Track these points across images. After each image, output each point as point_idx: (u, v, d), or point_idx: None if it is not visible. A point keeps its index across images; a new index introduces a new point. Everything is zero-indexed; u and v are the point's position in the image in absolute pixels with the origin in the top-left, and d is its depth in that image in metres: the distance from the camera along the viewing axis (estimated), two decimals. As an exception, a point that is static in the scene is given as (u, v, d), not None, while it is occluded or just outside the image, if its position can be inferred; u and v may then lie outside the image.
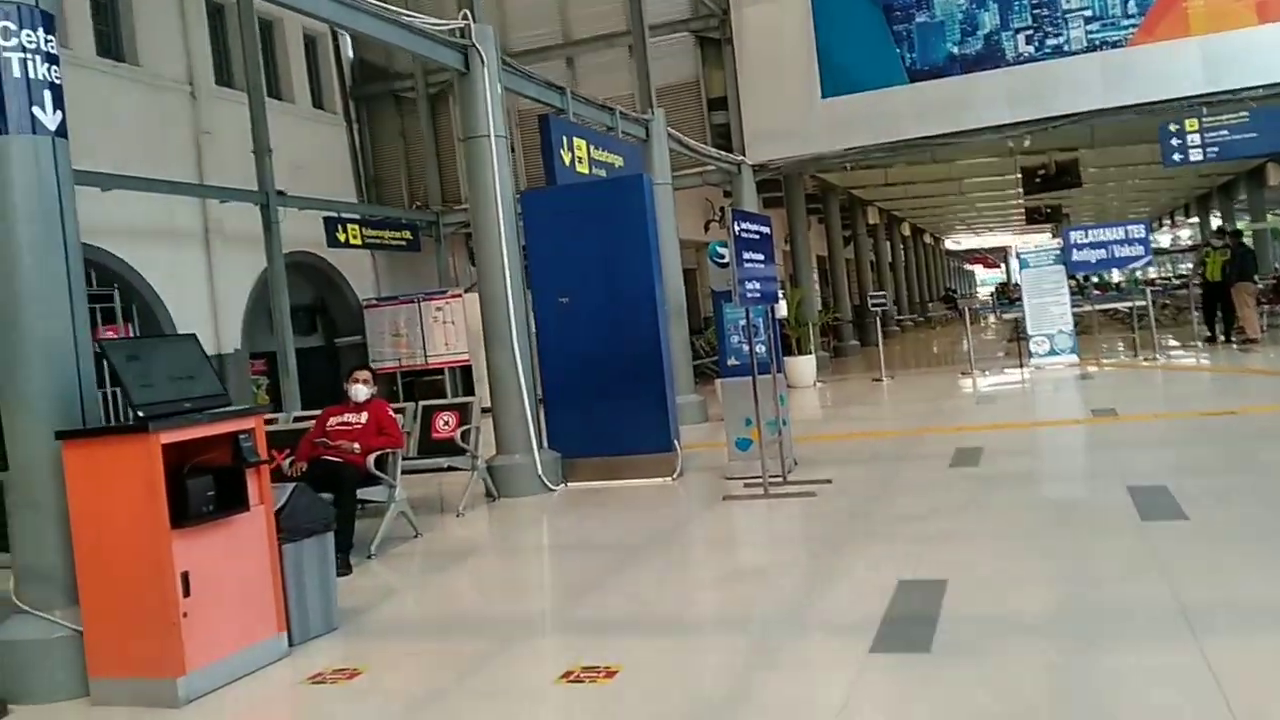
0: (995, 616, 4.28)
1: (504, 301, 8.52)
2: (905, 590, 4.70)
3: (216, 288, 14.60)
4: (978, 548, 5.45)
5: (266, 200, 13.98)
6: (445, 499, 8.54)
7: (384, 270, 18.64)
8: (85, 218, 12.05)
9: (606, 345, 8.64)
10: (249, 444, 4.38)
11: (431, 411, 8.23)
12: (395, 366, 17.60)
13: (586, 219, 8.69)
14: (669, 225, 12.92)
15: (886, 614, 4.38)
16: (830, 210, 25.76)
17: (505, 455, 8.54)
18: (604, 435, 8.67)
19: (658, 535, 6.50)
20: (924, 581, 4.82)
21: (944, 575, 4.87)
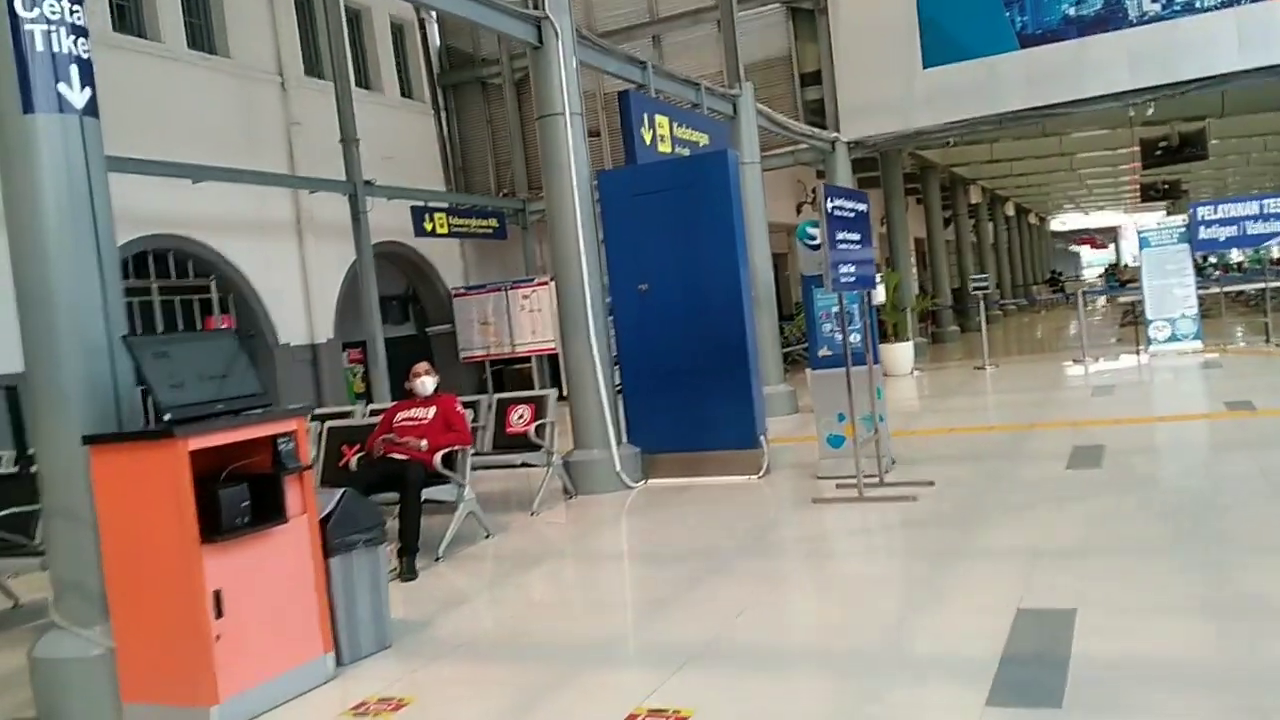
0: (1141, 660, 3.63)
1: (580, 289, 8.10)
2: (1026, 622, 4.09)
3: (309, 278, 14.60)
4: (1110, 568, 4.78)
5: (354, 190, 13.91)
6: (520, 495, 8.19)
7: (472, 259, 18.51)
8: (179, 210, 12.25)
9: (688, 335, 8.15)
10: (289, 448, 4.04)
11: (506, 404, 7.87)
12: (484, 355, 17.45)
13: (666, 199, 8.19)
14: (757, 207, 12.34)
15: (1005, 652, 3.79)
16: (930, 190, 24.68)
17: (583, 450, 8.14)
18: (686, 430, 8.19)
19: (741, 543, 6.00)
20: (1048, 611, 4.20)
21: (1071, 603, 4.24)
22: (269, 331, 13.87)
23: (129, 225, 11.78)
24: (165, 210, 12.11)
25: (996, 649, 3.82)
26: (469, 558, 6.30)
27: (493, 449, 7.74)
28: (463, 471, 6.45)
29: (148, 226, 12.01)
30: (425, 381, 6.66)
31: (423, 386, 6.64)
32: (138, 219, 11.85)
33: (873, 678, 3.74)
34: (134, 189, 11.43)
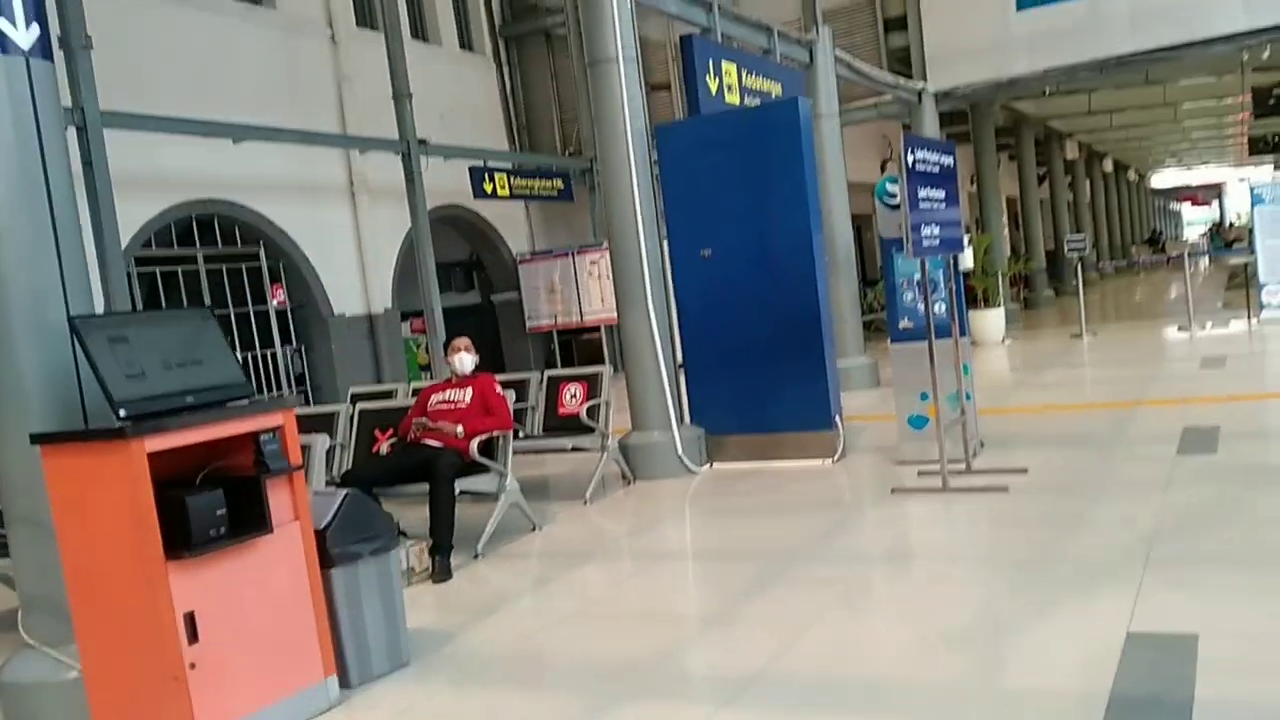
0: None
1: (637, 256, 7.42)
2: (1138, 649, 3.38)
3: (364, 244, 14.18)
4: (1237, 581, 3.99)
5: (408, 150, 13.39)
6: (576, 481, 7.61)
7: (538, 223, 17.93)
8: (223, 173, 11.84)
9: (756, 305, 7.43)
10: (274, 448, 3.49)
11: (558, 383, 7.28)
12: (550, 325, 16.93)
13: (731, 154, 7.44)
14: (836, 163, 11.48)
15: (1114, 690, 3.10)
16: (1023, 145, 23.24)
17: (641, 432, 7.52)
18: (753, 410, 7.50)
19: (810, 542, 5.31)
20: (1164, 636, 3.49)
21: (1193, 627, 3.51)
22: (322, 302, 13.51)
23: (170, 190, 11.47)
24: (209, 174, 11.73)
25: (1102, 685, 3.12)
26: (511, 555, 5.74)
27: (543, 431, 7.17)
28: (504, 459, 5.88)
29: (190, 191, 11.66)
30: (464, 359, 6.10)
31: (460, 364, 6.09)
32: (180, 183, 11.51)
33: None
34: (175, 151, 11.08)
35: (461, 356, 6.09)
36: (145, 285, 12.18)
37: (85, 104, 9.06)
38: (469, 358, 6.10)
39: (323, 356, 13.58)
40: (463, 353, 6.12)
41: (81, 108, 9.06)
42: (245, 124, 11.22)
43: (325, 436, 4.77)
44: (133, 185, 10.85)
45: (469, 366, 6.08)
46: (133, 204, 10.93)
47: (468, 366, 6.07)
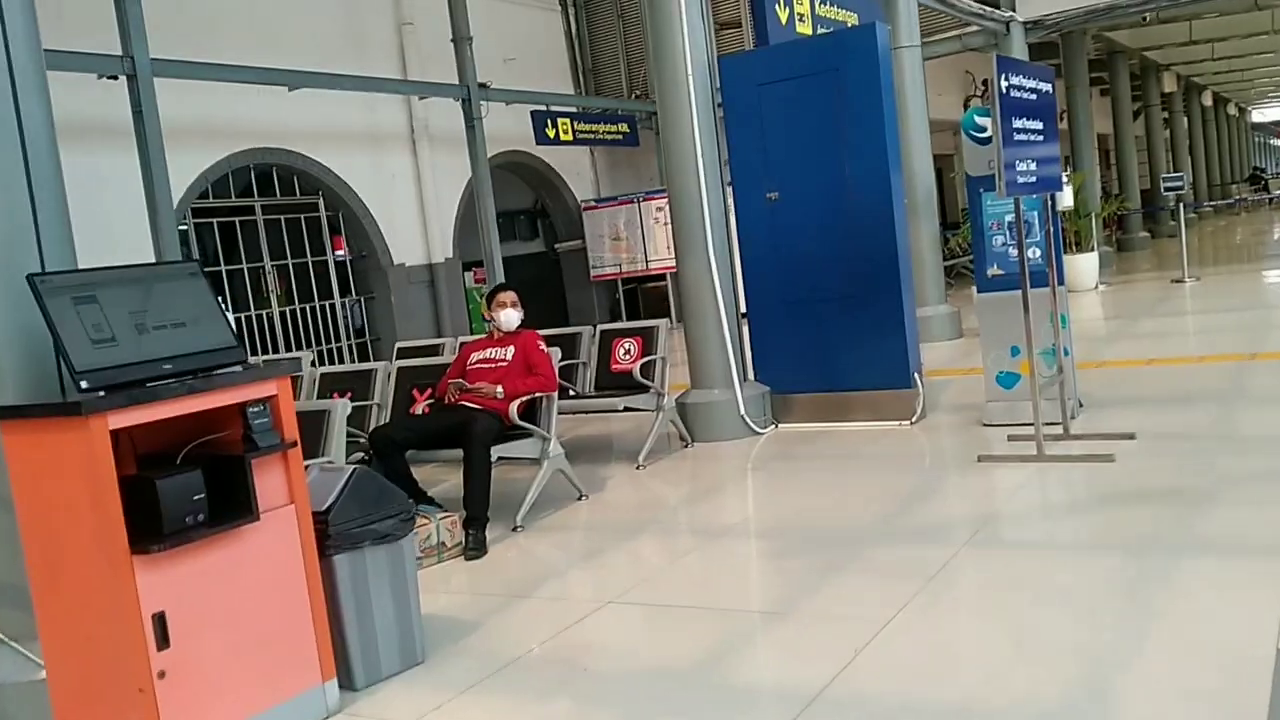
0: None
1: (696, 198, 6.82)
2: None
3: (424, 192, 13.78)
4: None
5: (468, 94, 12.89)
6: (631, 442, 7.12)
7: (603, 169, 17.34)
8: (282, 121, 11.51)
9: (827, 252, 6.79)
10: (263, 421, 3.04)
11: (611, 337, 6.77)
12: (615, 273, 16.41)
13: (800, 88, 6.76)
14: (917, 99, 10.64)
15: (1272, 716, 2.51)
16: (1118, 78, 21.76)
17: (701, 390, 6.97)
18: (824, 366, 6.90)
19: (884, 520, 4.74)
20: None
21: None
22: (382, 252, 13.18)
23: (228, 140, 11.17)
24: (268, 123, 11.41)
25: (1258, 706, 2.52)
26: (554, 527, 5.28)
27: (595, 390, 6.68)
28: (547, 423, 5.39)
29: (249, 140, 11.36)
30: (509, 315, 5.61)
31: (507, 320, 5.59)
32: (238, 133, 11.21)
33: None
34: (233, 100, 10.74)
35: (507, 312, 5.61)
36: (203, 236, 12.00)
37: (135, 52, 8.76)
38: (514, 314, 5.61)
39: (383, 308, 13.30)
40: (508, 308, 5.62)
41: (131, 56, 8.76)
42: (300, 70, 10.81)
43: (346, 403, 4.35)
44: (190, 135, 10.59)
45: (514, 323, 5.59)
46: (190, 154, 10.70)
47: (512, 323, 5.59)
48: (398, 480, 5.09)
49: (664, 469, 6.32)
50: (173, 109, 10.16)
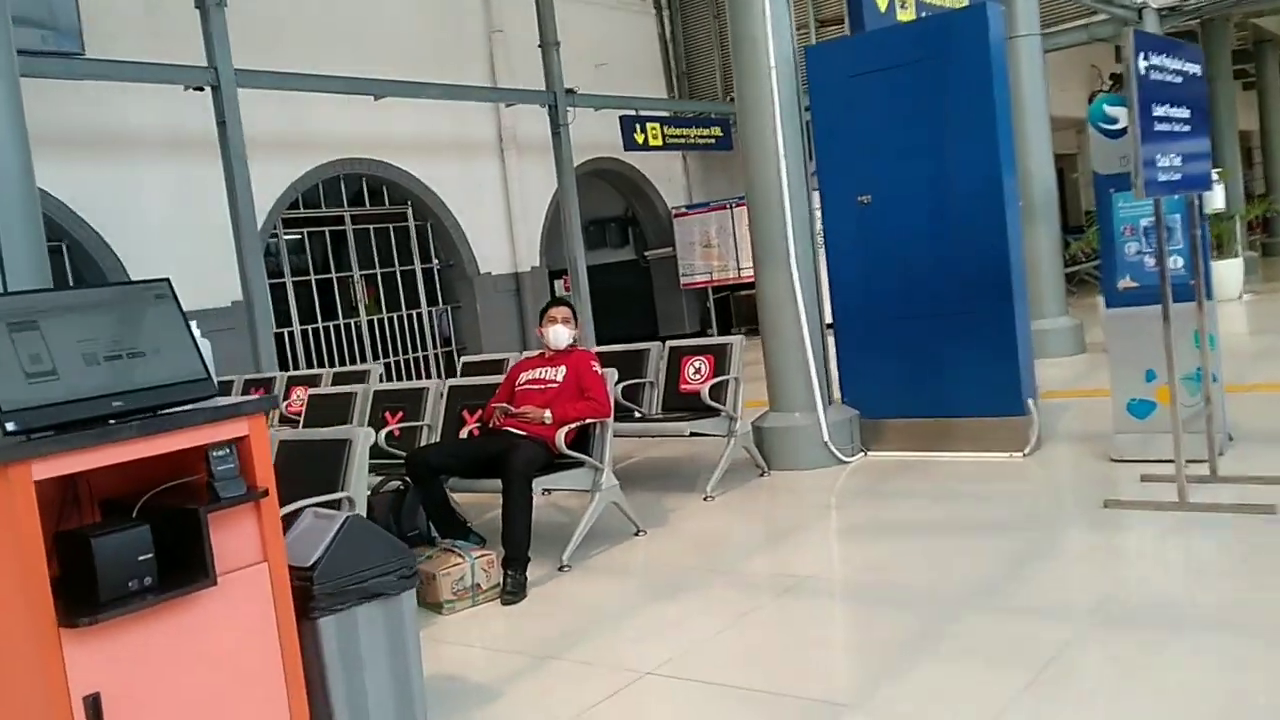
0: None
1: (778, 203, 6.17)
2: None
3: (512, 200, 13.48)
4: None
5: (554, 100, 12.50)
6: (703, 467, 6.50)
7: (696, 174, 16.79)
8: (371, 131, 11.30)
9: (926, 262, 6.06)
10: (228, 467, 2.57)
11: (681, 355, 6.17)
12: (706, 281, 15.82)
13: (897, 79, 6.04)
14: (1036, 93, 9.72)
15: None
16: (1265, 69, 19.98)
17: (780, 413, 6.31)
18: (921, 388, 6.16)
19: (994, 578, 4.00)
20: None
21: None
22: (469, 260, 12.89)
23: (318, 150, 11.04)
24: (357, 133, 11.27)
25: None
26: (604, 568, 4.71)
27: (662, 411, 6.09)
28: (600, 451, 4.83)
29: (338, 150, 11.22)
30: (559, 332, 5.08)
31: (555, 337, 5.07)
32: (328, 142, 11.08)
33: None
34: (323, 110, 10.62)
35: (556, 330, 5.07)
36: (292, 246, 11.92)
37: (219, 62, 8.67)
38: (564, 331, 5.08)
39: (469, 316, 13.03)
40: (558, 325, 5.09)
41: (215, 67, 8.66)
42: (384, 79, 10.59)
43: (369, 431, 3.87)
44: (281, 146, 10.52)
45: (564, 340, 5.06)
46: (281, 164, 10.63)
47: (562, 340, 5.06)
48: (435, 509, 4.64)
49: (735, 501, 5.68)
50: (264, 120, 10.10)
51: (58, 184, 8.85)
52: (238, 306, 9.26)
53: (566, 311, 5.19)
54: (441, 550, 4.29)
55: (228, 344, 9.00)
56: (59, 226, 8.97)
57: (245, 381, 8.01)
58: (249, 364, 8.87)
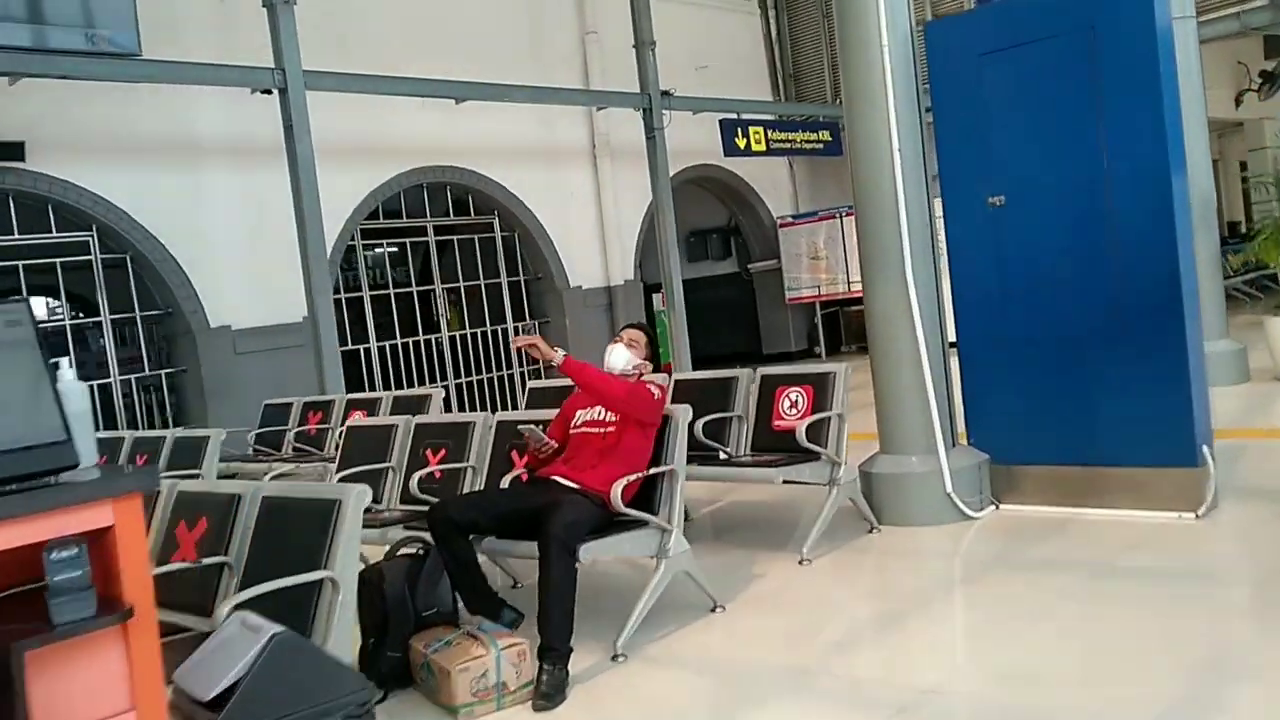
0: None
1: (891, 204, 5.20)
2: None
3: (605, 211, 12.76)
4: None
5: (649, 103, 11.72)
6: (797, 517, 5.57)
7: (803, 181, 15.80)
8: (456, 137, 10.65)
9: (1074, 274, 5.00)
10: (72, 576, 1.81)
11: (775, 386, 5.26)
12: (813, 296, 14.81)
13: (1036, 58, 5.00)
14: (1192, 85, 8.44)
15: None
16: None
17: (893, 456, 5.32)
18: (1067, 429, 5.09)
19: (1173, 707, 2.98)
20: None
21: None
22: (558, 273, 12.21)
23: (400, 156, 10.52)
24: (440, 139, 10.73)
25: None
26: (667, 659, 3.81)
27: (751, 452, 5.19)
28: (667, 508, 3.96)
29: (420, 157, 10.68)
30: (617, 353, 4.20)
31: (611, 359, 4.21)
32: (409, 149, 10.56)
33: None
34: (403, 115, 10.10)
35: (615, 351, 4.22)
36: (371, 258, 11.47)
37: (287, 64, 8.15)
38: (623, 353, 4.21)
39: (558, 333, 12.32)
40: (619, 346, 4.25)
41: (283, 68, 8.15)
42: (463, 81, 9.97)
43: (364, 490, 3.08)
44: (359, 152, 10.05)
45: (620, 363, 4.19)
46: (359, 172, 10.16)
47: (618, 363, 4.19)
48: (461, 576, 3.83)
49: (837, 566, 4.72)
50: (342, 125, 9.63)
51: (120, 193, 8.51)
52: (310, 322, 8.73)
53: (637, 334, 4.34)
54: (463, 635, 3.48)
55: (298, 361, 8.50)
56: (122, 237, 8.62)
57: (304, 404, 7.47)
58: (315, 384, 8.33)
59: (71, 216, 8.48)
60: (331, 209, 9.65)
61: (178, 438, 5.84)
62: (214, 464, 5.54)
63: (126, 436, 6.22)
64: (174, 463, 5.73)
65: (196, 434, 5.79)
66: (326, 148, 9.24)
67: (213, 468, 5.52)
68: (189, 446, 5.67)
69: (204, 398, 8.93)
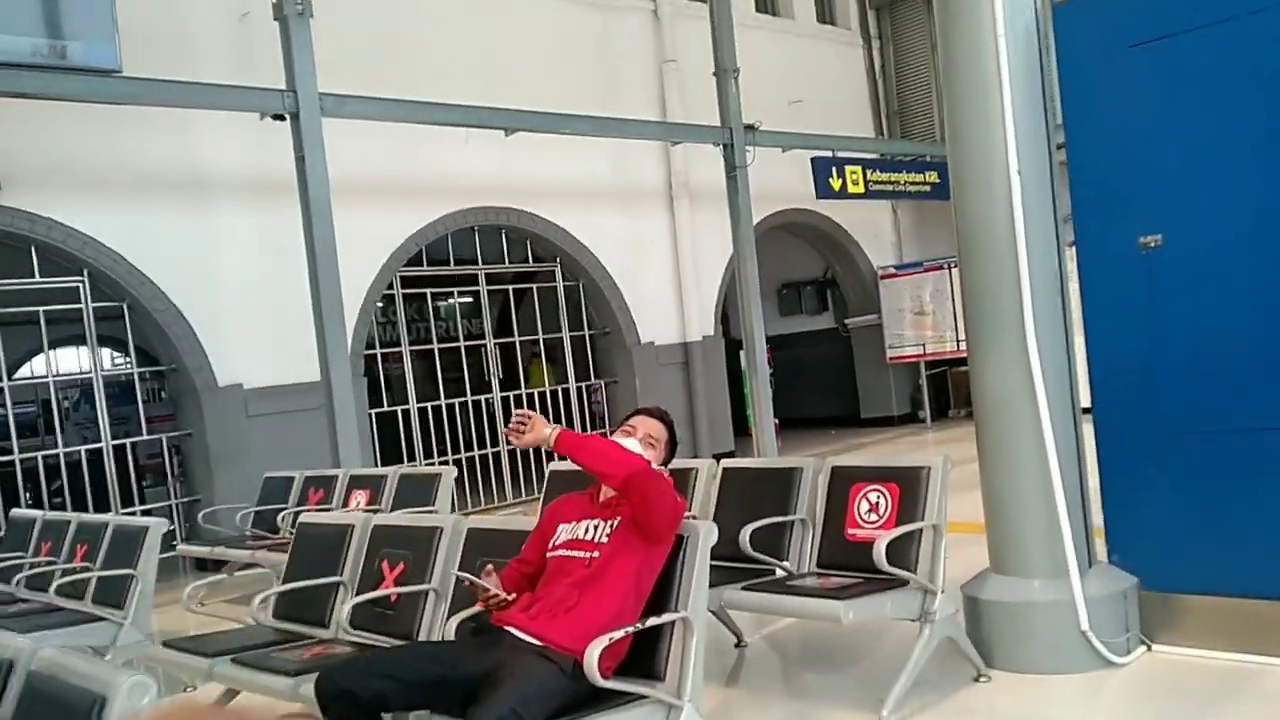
0: None
1: (1007, 250, 3.93)
2: None
3: (681, 258, 11.67)
4: None
5: (729, 138, 10.62)
6: (875, 652, 4.26)
7: (907, 228, 14.45)
8: (513, 174, 9.42)
9: (1260, 343, 3.64)
10: None
11: (849, 482, 4.01)
12: (917, 354, 13.40)
13: (1211, 46, 3.70)
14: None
15: None
16: None
17: (1007, 579, 3.98)
18: (1250, 548, 3.70)
19: None
20: None
21: None
22: (627, 327, 11.14)
23: (446, 196, 9.64)
24: (494, 176, 9.82)
25: None
26: None
27: (817, 569, 3.95)
28: (676, 674, 2.75)
29: (470, 197, 9.78)
30: (629, 447, 3.07)
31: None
32: (457, 188, 9.67)
33: None
34: (450, 148, 9.24)
35: (627, 443, 3.08)
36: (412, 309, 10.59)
37: (299, 84, 7.25)
38: (633, 447, 3.06)
39: (626, 393, 11.22)
40: (629, 441, 3.10)
41: (294, 90, 7.26)
42: (521, 110, 9.02)
43: (143, 680, 1.97)
44: (398, 191, 9.19)
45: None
46: (398, 213, 9.29)
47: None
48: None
49: (930, 735, 3.43)
50: (377, 159, 8.79)
51: (114, 234, 7.56)
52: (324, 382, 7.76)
53: (655, 428, 3.18)
54: None
55: (319, 425, 7.54)
56: (117, 284, 7.69)
57: (304, 479, 6.52)
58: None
59: (59, 260, 7.67)
60: (364, 253, 8.80)
61: (116, 526, 4.91)
62: (153, 559, 4.59)
63: (72, 521, 5.32)
64: (110, 557, 4.79)
65: (134, 524, 4.83)
66: (357, 184, 8.40)
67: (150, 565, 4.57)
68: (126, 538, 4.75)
69: (209, 465, 8.01)
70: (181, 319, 7.89)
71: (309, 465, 6.87)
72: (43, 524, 5.66)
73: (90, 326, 7.89)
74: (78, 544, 5.11)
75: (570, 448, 2.87)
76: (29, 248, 7.54)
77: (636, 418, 3.26)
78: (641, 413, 3.29)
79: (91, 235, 7.61)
